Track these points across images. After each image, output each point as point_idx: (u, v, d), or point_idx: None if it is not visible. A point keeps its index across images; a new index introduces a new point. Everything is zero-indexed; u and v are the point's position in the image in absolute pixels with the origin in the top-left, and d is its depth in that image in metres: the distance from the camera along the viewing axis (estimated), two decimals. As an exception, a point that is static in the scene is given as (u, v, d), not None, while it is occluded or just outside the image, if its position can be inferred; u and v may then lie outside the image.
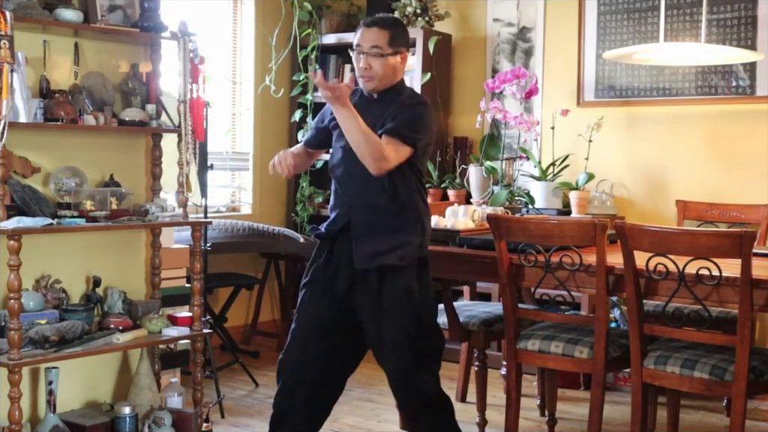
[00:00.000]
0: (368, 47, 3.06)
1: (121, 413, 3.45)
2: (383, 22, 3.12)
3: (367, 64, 3.07)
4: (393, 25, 3.14)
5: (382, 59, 3.06)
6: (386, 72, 3.08)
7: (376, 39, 3.06)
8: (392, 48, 3.07)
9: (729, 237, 2.91)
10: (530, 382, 4.47)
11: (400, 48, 3.10)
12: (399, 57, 3.10)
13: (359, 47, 3.10)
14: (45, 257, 3.41)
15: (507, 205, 4.72)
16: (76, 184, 3.46)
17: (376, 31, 3.07)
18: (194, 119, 3.61)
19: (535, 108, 5.28)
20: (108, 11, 3.49)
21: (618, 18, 5.00)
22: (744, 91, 4.65)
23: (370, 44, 3.06)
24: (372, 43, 3.06)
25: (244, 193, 5.73)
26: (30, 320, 3.24)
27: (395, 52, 3.08)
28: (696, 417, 4.19)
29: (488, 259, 3.52)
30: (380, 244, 3.03)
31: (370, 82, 3.09)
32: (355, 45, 3.12)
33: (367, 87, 3.12)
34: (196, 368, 3.72)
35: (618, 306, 4.37)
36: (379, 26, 3.08)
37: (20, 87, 3.18)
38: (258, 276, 5.46)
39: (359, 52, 3.10)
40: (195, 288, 3.70)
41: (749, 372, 2.95)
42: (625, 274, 3.13)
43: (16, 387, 3.11)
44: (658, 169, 4.91)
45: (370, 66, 3.07)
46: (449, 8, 5.52)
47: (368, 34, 3.08)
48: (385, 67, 3.07)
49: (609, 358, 3.30)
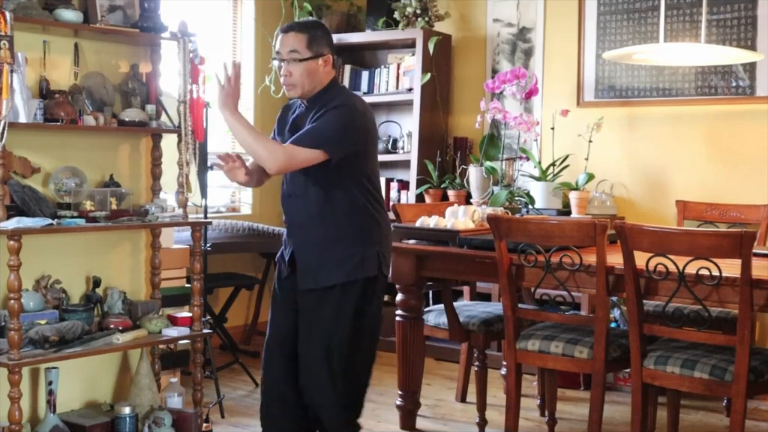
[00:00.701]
0: (286, 53, 2.99)
1: (121, 413, 3.45)
2: (300, 25, 3.05)
3: (287, 71, 2.99)
4: (311, 27, 3.04)
5: (302, 64, 2.97)
6: (308, 78, 2.99)
7: (293, 43, 2.98)
8: (311, 51, 2.98)
9: (729, 237, 2.91)
10: (530, 382, 4.47)
11: (321, 50, 3.00)
12: (321, 60, 3.00)
13: (278, 54, 3.02)
14: (45, 257, 3.41)
15: (507, 205, 4.73)
16: (76, 185, 3.46)
17: (292, 35, 2.99)
18: (194, 119, 3.61)
19: (535, 108, 5.28)
20: (108, 11, 3.49)
21: (618, 18, 5.00)
22: (744, 91, 4.65)
23: (287, 49, 2.99)
24: (289, 48, 2.98)
25: (244, 194, 5.73)
26: (30, 320, 3.24)
27: (315, 55, 2.99)
28: (696, 417, 4.19)
29: (488, 259, 3.52)
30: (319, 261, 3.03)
31: (293, 90, 3.01)
32: (275, 53, 3.06)
33: (291, 95, 3.05)
34: (196, 368, 3.72)
35: (618, 306, 4.37)
36: (295, 30, 3.01)
37: (20, 87, 3.18)
38: (258, 276, 5.46)
39: (279, 59, 3.02)
40: (195, 288, 3.70)
41: (749, 372, 2.95)
42: (625, 274, 3.13)
43: (16, 387, 3.11)
44: (658, 169, 4.91)
45: (290, 73, 2.99)
46: (449, 8, 5.52)
47: (285, 39, 3.00)
48: (306, 73, 2.98)
49: (609, 358, 3.30)
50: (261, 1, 5.63)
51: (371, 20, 5.61)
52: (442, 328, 3.94)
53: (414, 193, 5.35)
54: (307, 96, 3.04)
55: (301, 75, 2.98)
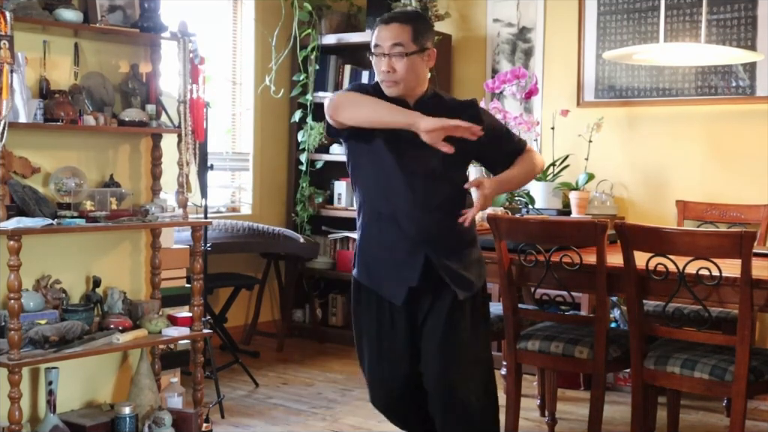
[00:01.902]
0: (389, 47, 2.70)
1: (121, 413, 3.45)
2: (404, 16, 2.76)
3: (389, 66, 2.70)
4: (415, 18, 2.77)
5: (407, 59, 2.70)
6: (413, 73, 2.73)
7: (398, 36, 2.69)
8: (417, 45, 2.71)
9: (729, 237, 2.91)
10: (530, 382, 4.47)
11: (426, 43, 2.74)
12: (426, 54, 2.75)
13: (378, 48, 2.72)
14: (45, 257, 3.41)
15: (507, 205, 4.73)
16: (76, 185, 3.46)
17: (396, 27, 2.71)
18: (194, 119, 3.61)
19: (535, 108, 5.28)
20: (108, 11, 3.49)
21: (618, 18, 5.00)
22: (744, 91, 4.65)
23: (390, 43, 2.70)
24: (393, 41, 2.69)
25: (244, 194, 5.73)
26: (30, 320, 3.24)
27: (421, 48, 2.72)
28: (696, 417, 4.19)
29: (488, 259, 3.52)
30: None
31: (394, 87, 2.73)
32: (374, 46, 2.75)
33: (391, 92, 2.75)
34: (196, 368, 3.72)
35: (618, 306, 4.37)
36: (399, 21, 2.72)
37: (20, 87, 3.18)
38: (258, 276, 5.46)
39: (379, 53, 2.72)
40: (195, 288, 3.70)
41: (749, 372, 2.95)
42: (625, 274, 3.13)
43: (16, 387, 3.11)
44: (658, 169, 4.91)
45: (393, 69, 2.70)
46: (449, 8, 5.52)
47: (388, 31, 2.71)
48: (411, 68, 2.71)
49: (609, 358, 3.30)
50: (261, 1, 5.62)
51: (371, 20, 5.60)
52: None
53: (414, 193, 5.33)
54: (408, 95, 2.77)
55: (406, 71, 2.70)
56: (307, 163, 5.62)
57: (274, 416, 4.14)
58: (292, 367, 5.03)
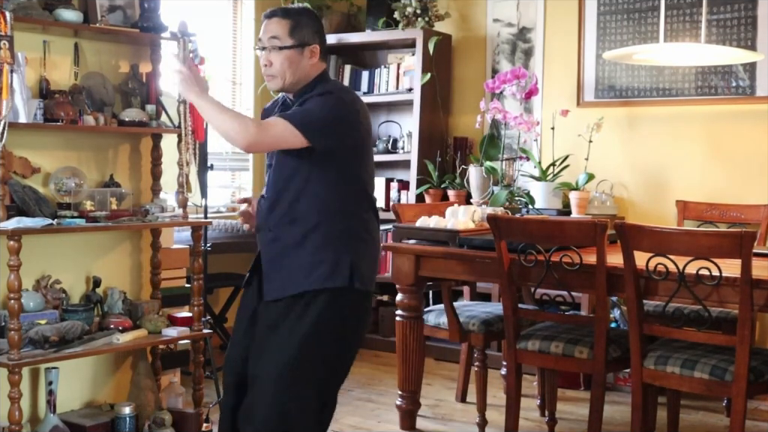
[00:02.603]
0: (267, 40, 2.70)
1: (121, 413, 3.45)
2: (284, 11, 2.74)
3: (266, 60, 2.71)
4: (295, 13, 2.73)
5: (282, 53, 2.68)
6: (290, 69, 2.70)
7: (275, 30, 2.69)
8: (293, 39, 2.68)
9: (729, 237, 2.91)
10: (530, 382, 4.47)
11: (306, 39, 2.70)
12: (306, 51, 2.70)
13: (260, 42, 2.74)
14: (45, 257, 3.41)
15: (507, 205, 4.73)
16: (76, 185, 3.46)
17: (275, 21, 2.70)
18: (194, 119, 3.60)
19: (535, 108, 5.28)
20: (108, 11, 3.49)
21: (618, 18, 5.00)
22: (744, 91, 4.65)
23: (268, 36, 2.70)
24: (270, 34, 2.70)
25: (244, 194, 5.73)
26: (30, 320, 3.24)
27: (299, 44, 2.68)
28: (696, 417, 4.19)
29: (488, 259, 3.52)
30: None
31: (272, 81, 2.74)
32: (257, 40, 2.77)
33: (271, 87, 2.77)
34: (196, 368, 3.72)
35: (618, 306, 4.37)
36: (279, 16, 2.71)
37: (20, 87, 3.18)
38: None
39: (260, 47, 2.74)
40: (195, 288, 3.70)
41: (749, 372, 2.95)
42: (625, 274, 3.13)
43: (16, 387, 3.11)
44: (658, 169, 4.91)
45: (269, 62, 2.70)
46: (449, 8, 5.52)
47: (268, 25, 2.72)
48: (287, 63, 2.69)
49: (609, 358, 3.30)
50: (261, 1, 5.62)
51: (371, 20, 5.61)
52: (442, 328, 3.94)
53: (414, 193, 5.34)
54: (291, 90, 2.76)
55: (281, 64, 2.69)
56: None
57: (274, 416, 4.13)
58: (292, 367, 5.02)
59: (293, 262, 2.71)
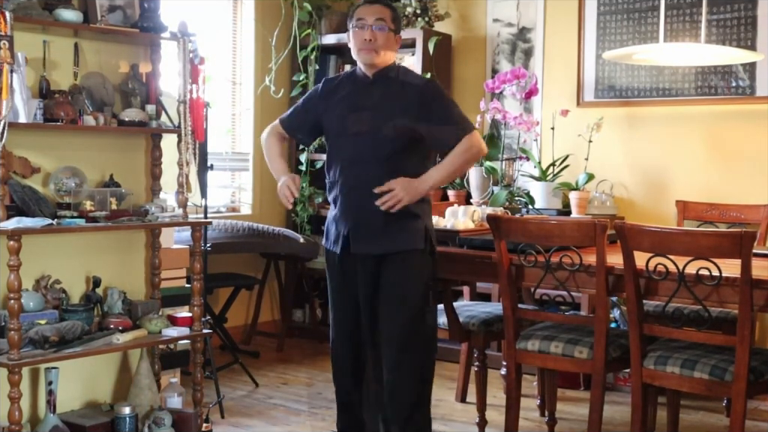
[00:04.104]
0: (373, 20, 3.15)
1: (121, 413, 3.45)
2: (387, 1, 3.23)
3: (372, 35, 3.14)
4: (393, 7, 3.26)
5: (387, 33, 3.15)
6: (387, 48, 3.16)
7: (381, 13, 3.16)
8: (395, 25, 3.19)
9: (729, 237, 2.91)
10: (530, 382, 4.47)
11: (399, 29, 3.23)
12: (398, 38, 3.22)
13: (362, 20, 3.17)
14: (45, 257, 3.41)
15: (507, 205, 4.72)
16: (76, 185, 3.46)
17: (380, 7, 3.18)
18: (194, 119, 3.61)
19: (534, 108, 5.28)
20: (108, 11, 3.49)
21: (618, 18, 5.00)
22: (744, 91, 4.65)
23: (375, 17, 3.15)
24: (377, 16, 3.15)
25: (244, 194, 5.73)
26: (30, 320, 3.24)
27: (396, 30, 3.20)
28: (696, 417, 4.19)
29: (488, 260, 3.52)
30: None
31: (373, 54, 3.15)
32: (357, 19, 3.19)
33: (367, 59, 3.17)
34: (196, 368, 3.72)
35: (618, 306, 4.37)
36: (382, 3, 3.19)
37: (20, 87, 3.18)
38: (258, 276, 5.46)
39: (362, 25, 3.16)
40: (195, 288, 3.70)
41: (749, 372, 2.95)
42: (625, 274, 3.13)
43: (16, 387, 3.11)
44: (658, 169, 4.91)
45: (375, 38, 3.14)
46: (449, 8, 5.52)
47: (372, 8, 3.18)
48: (387, 43, 3.15)
49: (609, 358, 3.30)
50: (261, 1, 5.62)
51: (371, 20, 5.61)
52: (442, 328, 3.93)
53: (414, 193, 5.33)
54: (378, 65, 3.18)
55: (384, 42, 3.15)
56: (307, 163, 5.61)
57: (274, 416, 4.14)
58: (292, 367, 5.03)
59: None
